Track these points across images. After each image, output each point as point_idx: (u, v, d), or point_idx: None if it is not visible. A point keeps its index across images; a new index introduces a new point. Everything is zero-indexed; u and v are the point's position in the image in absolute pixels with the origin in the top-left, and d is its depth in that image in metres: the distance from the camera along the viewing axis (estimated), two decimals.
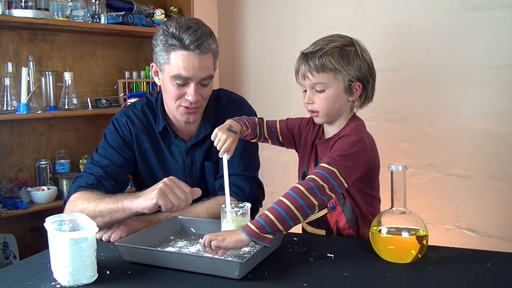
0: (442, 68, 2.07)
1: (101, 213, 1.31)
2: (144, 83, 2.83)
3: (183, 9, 2.82)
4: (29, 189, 2.30)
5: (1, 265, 2.18)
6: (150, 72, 1.58)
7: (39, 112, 2.28)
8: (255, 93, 2.85)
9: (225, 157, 1.24)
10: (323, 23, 2.47)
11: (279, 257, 1.17)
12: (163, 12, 2.71)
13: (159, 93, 1.61)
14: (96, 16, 2.46)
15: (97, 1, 2.48)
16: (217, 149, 1.24)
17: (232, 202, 1.25)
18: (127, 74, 2.80)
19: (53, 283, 1.04)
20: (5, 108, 2.24)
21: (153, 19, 2.70)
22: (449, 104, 2.06)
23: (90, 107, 2.52)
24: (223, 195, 1.27)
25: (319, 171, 1.16)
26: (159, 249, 1.21)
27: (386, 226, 1.14)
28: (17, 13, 2.15)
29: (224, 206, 1.23)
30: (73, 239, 1.01)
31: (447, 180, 2.09)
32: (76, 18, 2.36)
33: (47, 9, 2.29)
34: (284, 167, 2.61)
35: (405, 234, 1.12)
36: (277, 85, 2.74)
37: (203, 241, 1.10)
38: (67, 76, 2.42)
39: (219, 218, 1.25)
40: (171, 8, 2.80)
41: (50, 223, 1.08)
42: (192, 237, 1.31)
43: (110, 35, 2.74)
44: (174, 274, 1.07)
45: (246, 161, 1.55)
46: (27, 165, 2.45)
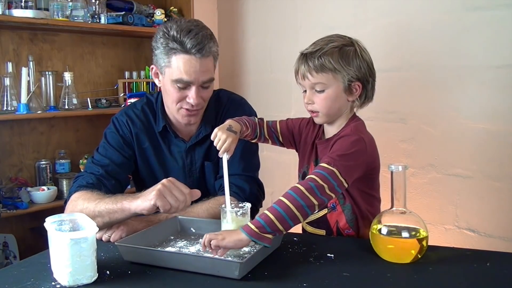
0: (442, 68, 2.07)
1: (101, 213, 1.31)
2: (144, 83, 2.83)
3: (183, 9, 2.82)
4: (29, 189, 2.30)
5: (1, 265, 2.18)
6: (150, 73, 1.58)
7: (39, 112, 2.28)
8: (255, 93, 2.85)
9: (225, 157, 1.24)
10: (323, 23, 2.47)
11: (279, 257, 1.17)
12: (163, 12, 2.71)
13: (159, 93, 1.61)
14: (96, 16, 2.46)
15: (97, 1, 2.48)
16: (217, 149, 1.24)
17: (232, 202, 1.25)
18: (127, 74, 2.80)
19: (53, 283, 1.04)
20: (5, 108, 2.24)
21: (153, 19, 2.70)
22: (449, 104, 2.06)
23: (90, 107, 2.52)
24: (223, 195, 1.27)
25: (319, 171, 1.16)
26: (159, 249, 1.21)
27: (386, 226, 1.14)
28: (17, 13, 2.15)
29: (224, 206, 1.23)
30: (73, 239, 1.01)
31: (447, 180, 2.09)
32: (76, 18, 2.36)
33: (47, 9, 2.29)
34: (284, 167, 2.61)
35: (405, 234, 1.12)
36: (277, 85, 2.74)
37: (203, 240, 1.11)
38: (67, 76, 2.42)
39: (219, 218, 1.25)
40: (171, 8, 2.80)
41: (50, 223, 1.08)
42: (192, 237, 1.31)
43: (110, 35, 2.74)
44: (174, 274, 1.07)
45: (246, 161, 1.55)
46: (27, 165, 2.45)
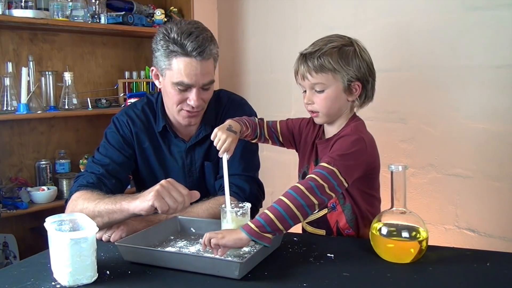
0: (442, 68, 2.07)
1: (100, 213, 1.31)
2: (144, 83, 2.83)
3: (183, 9, 2.82)
4: (29, 189, 2.30)
5: (1, 265, 2.18)
6: (150, 74, 1.58)
7: (39, 112, 2.28)
8: (255, 93, 2.85)
9: (225, 156, 1.24)
10: (323, 23, 2.47)
11: (279, 257, 1.17)
12: (163, 12, 2.71)
13: (159, 93, 1.61)
14: (96, 16, 2.46)
15: (97, 1, 2.48)
16: (217, 148, 1.24)
17: (232, 202, 1.25)
18: (127, 74, 2.80)
19: (53, 283, 1.04)
20: (5, 108, 2.24)
21: (153, 19, 2.70)
22: (449, 104, 2.06)
23: (90, 107, 2.52)
24: (223, 195, 1.27)
25: (319, 170, 1.16)
26: (159, 249, 1.21)
27: (386, 226, 1.14)
28: (17, 13, 2.15)
29: (224, 206, 1.23)
30: (73, 239, 1.01)
31: (447, 180, 2.09)
32: (76, 18, 2.36)
33: (47, 9, 2.29)
34: (284, 167, 2.61)
35: (405, 234, 1.12)
36: (277, 85, 2.74)
37: (203, 239, 1.11)
38: (67, 76, 2.42)
39: (219, 218, 1.25)
40: (171, 8, 2.80)
41: (50, 223, 1.08)
42: (192, 237, 1.31)
43: (110, 35, 2.74)
44: (174, 274, 1.07)
45: (246, 161, 1.55)
46: (27, 165, 2.45)
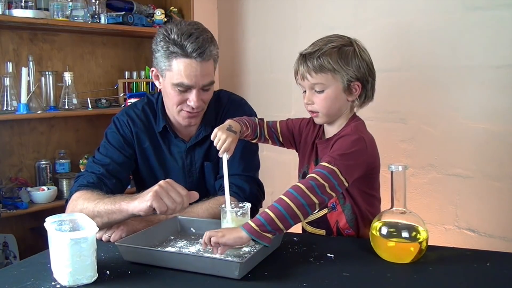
0: (442, 68, 2.07)
1: (100, 213, 1.31)
2: (144, 83, 2.83)
3: (183, 9, 2.82)
4: (29, 189, 2.30)
5: (1, 265, 2.18)
6: (150, 75, 1.58)
7: (39, 112, 2.28)
8: (255, 93, 2.85)
9: (225, 156, 1.24)
10: (323, 23, 2.47)
11: (279, 257, 1.17)
12: (163, 12, 2.71)
13: (159, 93, 1.60)
14: (96, 16, 2.46)
15: (97, 1, 2.48)
16: (217, 148, 1.24)
17: (232, 202, 1.25)
18: (127, 74, 2.80)
19: (53, 283, 1.04)
20: (5, 108, 2.24)
21: (153, 19, 2.70)
22: (449, 104, 2.06)
23: (90, 107, 2.52)
24: (223, 195, 1.27)
25: (320, 169, 1.16)
26: (159, 249, 1.21)
27: (386, 226, 1.14)
28: (17, 13, 2.15)
29: (224, 206, 1.23)
30: (73, 239, 1.01)
31: (447, 180, 2.09)
32: (76, 18, 2.36)
33: (47, 9, 2.29)
34: (284, 167, 2.61)
35: (405, 235, 1.12)
36: (277, 85, 2.74)
37: (203, 237, 1.11)
38: (67, 76, 2.42)
39: (219, 218, 1.25)
40: (171, 8, 2.80)
41: (50, 223, 1.08)
42: (192, 237, 1.31)
43: (110, 35, 2.74)
44: (174, 274, 1.07)
45: (246, 161, 1.55)
46: (27, 165, 2.45)
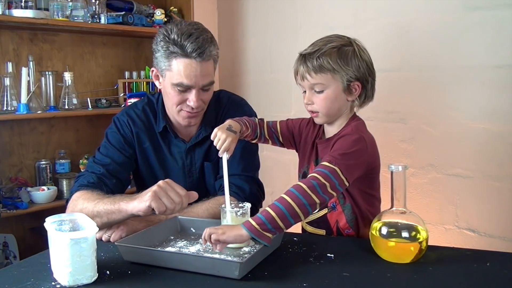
0: (442, 68, 2.07)
1: (99, 213, 1.31)
2: (144, 83, 2.83)
3: (183, 9, 2.82)
4: (29, 189, 2.30)
5: (1, 265, 2.18)
6: (151, 75, 1.58)
7: (39, 112, 2.28)
8: (255, 93, 2.85)
9: (225, 156, 1.24)
10: (323, 23, 2.47)
11: (279, 257, 1.17)
12: (163, 12, 2.71)
13: (160, 93, 1.61)
14: (96, 16, 2.46)
15: (97, 1, 2.48)
16: (217, 148, 1.24)
17: (232, 202, 1.25)
18: (127, 74, 2.80)
19: (53, 283, 1.04)
20: (5, 108, 2.24)
21: (153, 19, 2.70)
22: (449, 104, 2.06)
23: (90, 107, 2.52)
24: (223, 195, 1.27)
25: (321, 169, 1.16)
26: (159, 249, 1.21)
27: (386, 226, 1.14)
28: (17, 13, 2.15)
29: (224, 206, 1.23)
30: (73, 239, 1.01)
31: (447, 180, 2.09)
32: (76, 18, 2.36)
33: (47, 9, 2.29)
34: (284, 167, 2.61)
35: (405, 234, 1.12)
36: (277, 85, 2.74)
37: (203, 234, 1.11)
38: (67, 76, 2.42)
39: (219, 218, 1.25)
40: (171, 8, 2.80)
41: (50, 223, 1.08)
42: (192, 237, 1.31)
43: (110, 35, 2.74)
44: (174, 274, 1.07)
45: (246, 161, 1.55)
46: (27, 165, 2.45)
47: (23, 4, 2.18)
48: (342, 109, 1.31)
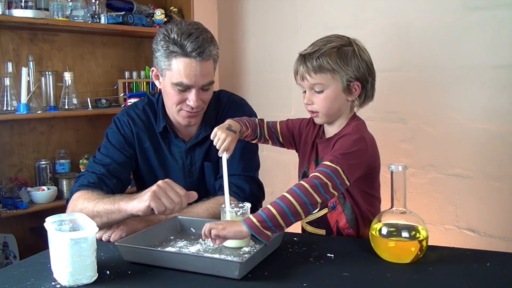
0: (442, 68, 2.07)
1: (99, 213, 1.31)
2: (144, 83, 2.83)
3: (183, 9, 2.82)
4: (29, 189, 2.30)
5: (1, 265, 2.18)
6: (151, 75, 1.58)
7: (39, 112, 2.28)
8: (255, 93, 2.85)
9: (225, 156, 1.24)
10: (323, 23, 2.47)
11: (279, 257, 1.17)
12: (163, 12, 2.71)
13: (160, 93, 1.61)
14: (96, 16, 2.46)
15: (97, 1, 2.48)
16: (217, 148, 1.24)
17: (232, 202, 1.25)
18: (127, 74, 2.80)
19: (53, 283, 1.04)
20: (5, 108, 2.24)
21: (153, 19, 2.70)
22: (449, 104, 2.06)
23: (90, 107, 2.52)
24: (223, 195, 1.27)
25: (323, 169, 1.16)
26: (159, 249, 1.21)
27: (386, 226, 1.14)
28: (17, 13, 2.15)
29: (224, 206, 1.23)
30: (73, 239, 1.01)
31: (447, 180, 2.09)
32: (76, 18, 2.36)
33: (47, 9, 2.29)
34: (284, 167, 2.61)
35: (405, 234, 1.12)
36: (277, 85, 2.74)
37: (203, 229, 1.11)
38: (67, 76, 2.42)
39: (219, 218, 1.25)
40: (171, 8, 2.80)
41: (50, 223, 1.08)
42: (192, 237, 1.31)
43: (110, 35, 2.74)
44: (174, 274, 1.07)
45: (246, 161, 1.55)
46: (27, 165, 2.45)
47: (23, 4, 2.18)
48: (342, 109, 1.31)
